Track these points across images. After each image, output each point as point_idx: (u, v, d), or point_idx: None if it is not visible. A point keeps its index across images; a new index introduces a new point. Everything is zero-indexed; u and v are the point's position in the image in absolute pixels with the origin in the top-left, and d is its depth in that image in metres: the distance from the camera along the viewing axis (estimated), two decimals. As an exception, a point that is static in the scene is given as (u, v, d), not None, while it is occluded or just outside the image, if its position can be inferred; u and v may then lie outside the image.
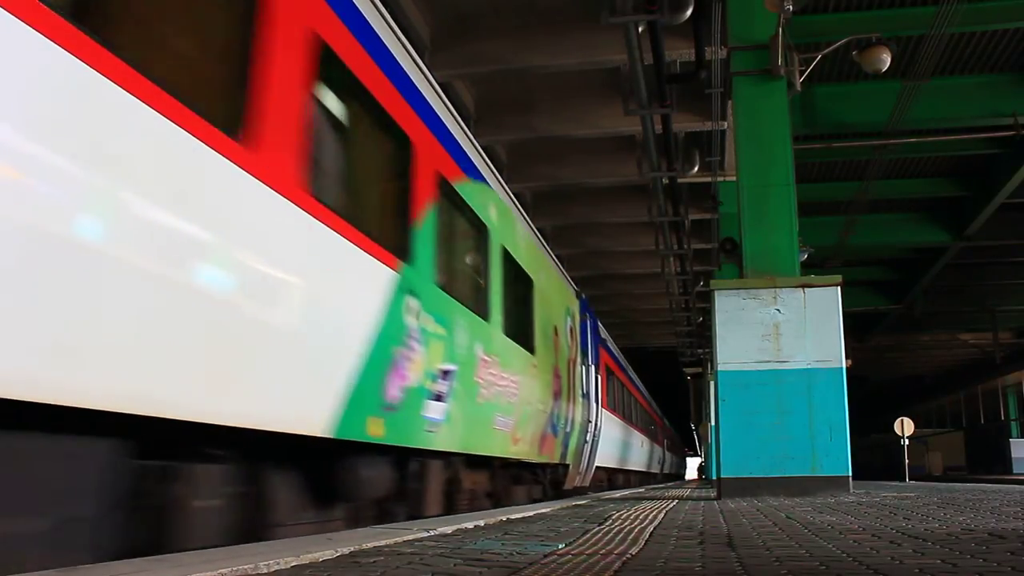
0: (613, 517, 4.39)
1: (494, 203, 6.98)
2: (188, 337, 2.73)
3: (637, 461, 19.67)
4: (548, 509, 5.52)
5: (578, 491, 11.57)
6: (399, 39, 4.80)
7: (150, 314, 2.57)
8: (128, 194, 2.48)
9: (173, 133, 2.63)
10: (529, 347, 7.91)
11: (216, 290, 2.91)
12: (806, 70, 8.15)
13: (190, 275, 2.75)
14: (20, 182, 2.14)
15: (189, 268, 2.74)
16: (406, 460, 5.03)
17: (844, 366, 6.88)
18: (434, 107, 5.39)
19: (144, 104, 2.50)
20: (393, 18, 4.82)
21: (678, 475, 41.86)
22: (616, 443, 15.22)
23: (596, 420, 11.91)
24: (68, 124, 2.28)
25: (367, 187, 4.61)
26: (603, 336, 14.31)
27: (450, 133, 5.77)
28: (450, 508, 5.97)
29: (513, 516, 4.57)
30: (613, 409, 14.71)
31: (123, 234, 2.45)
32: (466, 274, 6.39)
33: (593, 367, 11.99)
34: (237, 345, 3.04)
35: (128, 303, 2.48)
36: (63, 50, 2.23)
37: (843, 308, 7.02)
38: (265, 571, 2.17)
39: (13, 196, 2.11)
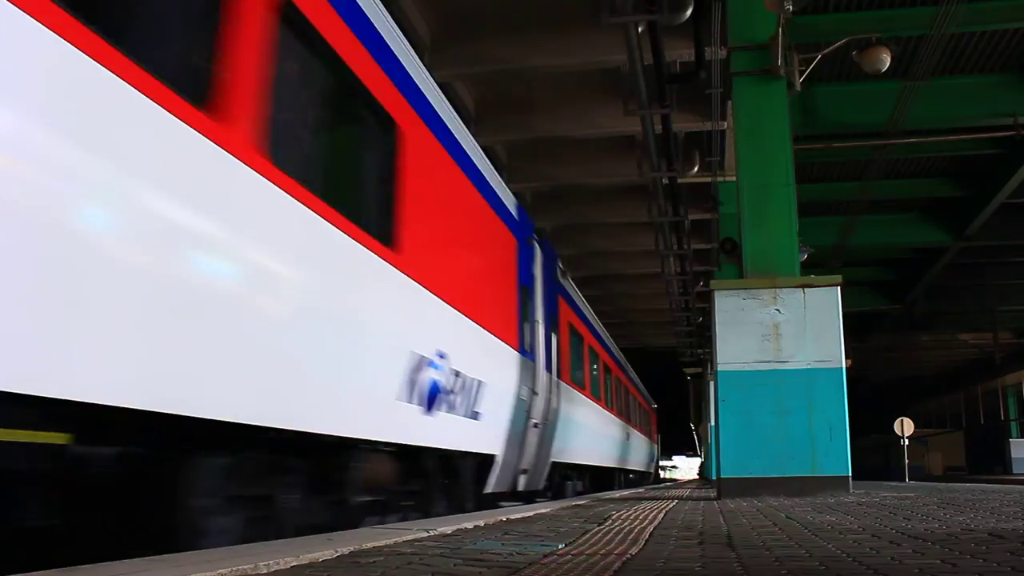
0: (613, 517, 4.39)
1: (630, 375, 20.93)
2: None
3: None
4: (548, 509, 5.51)
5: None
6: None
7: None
8: None
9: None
10: (645, 435, 23.46)
11: None
12: (806, 70, 8.14)
13: None
14: None
15: None
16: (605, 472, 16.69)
17: (844, 366, 6.88)
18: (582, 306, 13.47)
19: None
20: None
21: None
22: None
23: (657, 452, 29.11)
24: None
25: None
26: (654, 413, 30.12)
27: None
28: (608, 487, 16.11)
29: (513, 516, 4.56)
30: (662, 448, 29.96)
31: None
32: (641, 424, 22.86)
33: (657, 433, 29.07)
34: None
35: None
36: None
37: (843, 308, 7.02)
38: (265, 571, 2.17)
39: None
